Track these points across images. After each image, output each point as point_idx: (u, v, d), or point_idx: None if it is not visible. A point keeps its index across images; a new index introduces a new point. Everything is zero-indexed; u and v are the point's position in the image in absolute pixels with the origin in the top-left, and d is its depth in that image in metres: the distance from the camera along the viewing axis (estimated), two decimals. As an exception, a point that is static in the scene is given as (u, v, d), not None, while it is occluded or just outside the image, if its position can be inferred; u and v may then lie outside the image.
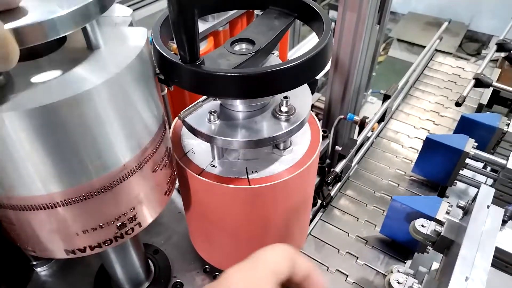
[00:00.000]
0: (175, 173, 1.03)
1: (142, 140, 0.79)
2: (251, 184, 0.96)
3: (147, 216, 0.91)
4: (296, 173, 0.99)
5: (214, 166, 1.01)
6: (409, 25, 6.31)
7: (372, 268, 1.32)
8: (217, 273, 1.32)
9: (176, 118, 1.15)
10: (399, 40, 6.19)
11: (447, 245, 1.04)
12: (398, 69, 4.72)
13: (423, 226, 1.07)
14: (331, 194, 1.51)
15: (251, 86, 0.77)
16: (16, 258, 1.28)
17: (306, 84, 1.06)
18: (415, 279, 1.03)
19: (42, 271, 1.36)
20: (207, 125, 0.93)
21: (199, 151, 1.05)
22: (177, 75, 0.79)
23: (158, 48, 0.80)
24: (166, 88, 1.26)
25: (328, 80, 1.85)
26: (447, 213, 1.15)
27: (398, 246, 1.36)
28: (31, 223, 0.75)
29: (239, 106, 0.96)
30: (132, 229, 0.88)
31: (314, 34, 0.96)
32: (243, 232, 1.11)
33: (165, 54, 0.78)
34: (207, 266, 1.33)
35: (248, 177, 0.98)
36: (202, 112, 0.96)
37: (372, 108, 2.68)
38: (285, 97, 0.94)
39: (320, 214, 1.50)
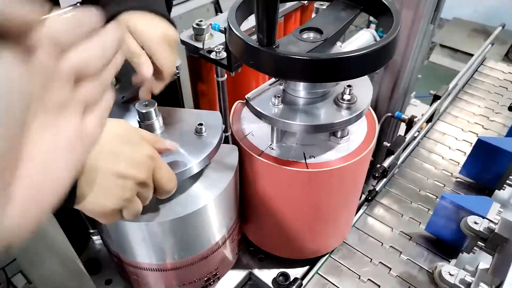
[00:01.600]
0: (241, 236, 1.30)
1: (228, 224, 1.11)
2: (309, 168, 1.00)
3: (224, 270, 1.25)
4: (352, 162, 1.02)
5: (272, 149, 1.05)
6: (454, 30, 6.13)
7: (416, 263, 1.33)
8: (261, 255, 1.36)
9: (236, 102, 1.21)
10: (442, 46, 6.03)
11: (499, 243, 1.04)
12: (439, 75, 4.60)
13: (475, 223, 1.07)
14: (376, 189, 1.52)
15: (323, 71, 0.80)
16: (74, 224, 1.37)
17: (367, 77, 1.09)
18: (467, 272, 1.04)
19: (97, 239, 1.45)
20: (271, 108, 0.98)
21: (258, 134, 1.10)
22: (254, 57, 0.84)
23: (235, 32, 0.85)
24: (226, 75, 1.33)
25: (377, 77, 1.86)
26: (499, 212, 1.15)
27: (443, 244, 1.36)
28: (148, 278, 1.09)
29: (301, 92, 1.01)
30: (214, 281, 1.20)
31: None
32: (293, 215, 1.15)
33: (243, 38, 0.83)
34: (252, 248, 1.38)
35: (306, 161, 1.02)
36: (266, 96, 1.01)
37: (414, 110, 2.64)
38: (349, 86, 0.97)
39: (364, 207, 1.52)
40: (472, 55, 2.29)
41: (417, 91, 3.05)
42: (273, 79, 1.04)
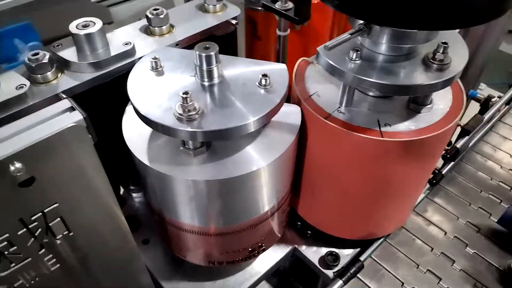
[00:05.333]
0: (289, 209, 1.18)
1: (279, 196, 1.00)
2: (384, 137, 0.86)
3: (270, 243, 1.14)
4: (434, 134, 0.88)
5: (341, 112, 0.92)
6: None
7: (484, 258, 1.17)
8: (308, 231, 1.25)
9: (300, 59, 1.07)
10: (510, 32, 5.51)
11: None
12: (507, 64, 4.19)
13: None
14: (442, 173, 1.36)
15: (433, 13, 0.65)
16: (116, 179, 1.31)
17: (462, 38, 0.93)
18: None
19: (136, 197, 1.40)
20: (347, 63, 0.84)
21: (325, 95, 0.96)
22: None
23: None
24: (289, 30, 1.19)
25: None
26: None
27: (518, 241, 1.20)
28: (190, 241, 1.01)
29: (384, 47, 0.86)
30: (258, 252, 1.10)
31: None
32: (354, 191, 1.02)
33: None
34: (299, 223, 1.27)
35: (380, 129, 0.88)
36: (342, 50, 0.86)
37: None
38: (444, 43, 0.81)
39: (426, 191, 1.37)
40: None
41: (484, 80, 2.78)
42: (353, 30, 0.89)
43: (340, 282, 1.08)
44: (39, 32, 1.70)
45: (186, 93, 0.73)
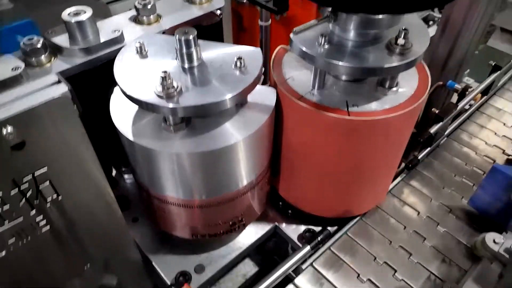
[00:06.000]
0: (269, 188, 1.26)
1: (258, 170, 1.07)
2: (351, 116, 0.93)
3: (250, 218, 1.22)
4: (398, 114, 0.95)
5: (313, 94, 0.99)
6: (519, 13, 5.64)
7: (454, 236, 1.24)
8: (289, 211, 1.33)
9: (278, 47, 1.15)
10: (503, 30, 5.57)
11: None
12: (495, 61, 4.25)
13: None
14: (418, 157, 1.43)
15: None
16: (109, 161, 1.38)
17: (425, 24, 1.00)
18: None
19: (128, 178, 1.47)
20: (316, 48, 0.91)
21: (299, 79, 1.04)
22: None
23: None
24: (270, 20, 1.26)
25: (431, 41, 1.72)
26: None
27: (487, 221, 1.26)
28: (175, 214, 1.08)
29: (351, 33, 0.93)
30: (239, 227, 1.17)
31: None
32: (330, 170, 1.09)
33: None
34: (280, 203, 1.35)
35: (348, 109, 0.95)
36: (312, 35, 0.94)
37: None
38: (405, 29, 0.88)
39: (403, 175, 1.44)
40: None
41: (472, 75, 2.83)
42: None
43: (307, 247, 1.16)
44: (40, 30, 1.78)
45: (165, 71, 0.80)
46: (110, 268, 1.04)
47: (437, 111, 1.41)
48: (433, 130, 1.36)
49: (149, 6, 1.11)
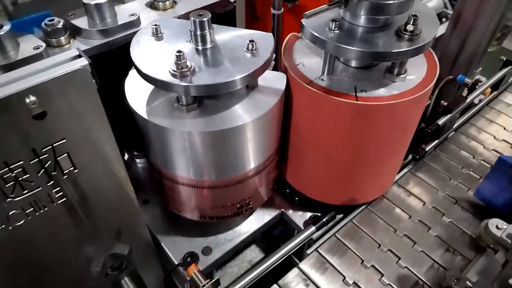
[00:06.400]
0: (277, 174, 1.28)
1: (265, 155, 1.09)
2: (359, 101, 0.95)
3: (257, 203, 1.24)
4: (405, 100, 0.96)
5: (323, 80, 1.02)
6: (536, 14, 5.56)
7: (458, 227, 1.26)
8: (296, 198, 1.35)
9: (289, 34, 1.17)
10: (519, 30, 5.51)
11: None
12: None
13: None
14: (426, 149, 1.44)
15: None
16: (122, 145, 1.42)
17: (434, 12, 1.01)
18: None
19: (139, 162, 1.51)
20: (326, 32, 0.93)
21: (309, 65, 1.06)
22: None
23: None
24: (283, 8, 1.29)
25: (442, 37, 1.72)
26: None
27: (493, 212, 1.27)
28: (185, 195, 1.12)
29: (361, 19, 0.95)
30: (246, 210, 1.20)
31: None
32: (337, 154, 1.11)
33: None
34: (287, 190, 1.37)
35: (356, 94, 0.97)
36: (323, 20, 0.96)
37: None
38: (414, 15, 0.90)
39: (410, 166, 1.45)
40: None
41: (486, 74, 2.81)
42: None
43: (312, 228, 1.18)
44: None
45: (179, 51, 0.83)
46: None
47: (445, 104, 1.41)
48: (441, 121, 1.37)
49: (165, -8, 1.15)
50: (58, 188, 0.81)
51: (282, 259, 1.16)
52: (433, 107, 1.68)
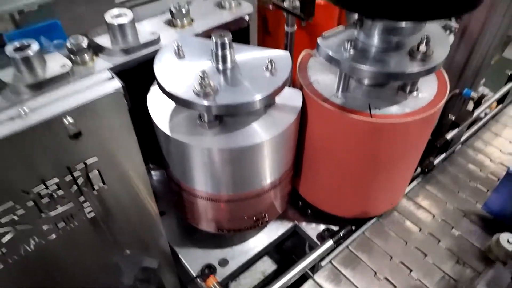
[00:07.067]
0: (291, 188, 1.31)
1: (281, 171, 1.12)
2: (373, 118, 0.99)
3: (272, 216, 1.27)
4: (418, 118, 1.00)
5: (337, 97, 1.05)
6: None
7: (467, 239, 1.28)
8: (309, 210, 1.38)
9: (303, 52, 1.21)
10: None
11: None
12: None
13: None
14: (434, 163, 1.47)
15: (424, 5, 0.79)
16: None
17: (446, 34, 1.05)
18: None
19: (155, 175, 1.54)
20: (342, 52, 0.97)
21: (324, 82, 1.10)
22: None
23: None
24: (296, 26, 1.33)
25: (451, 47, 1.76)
26: None
27: (502, 225, 1.30)
28: (203, 208, 1.15)
29: (375, 39, 0.99)
30: (262, 222, 1.23)
31: None
32: (351, 169, 1.15)
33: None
34: (300, 202, 1.40)
35: (370, 111, 1.01)
36: (338, 40, 1.00)
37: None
38: (427, 37, 0.94)
39: (418, 179, 1.48)
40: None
41: (488, 85, 2.86)
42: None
43: (330, 242, 1.21)
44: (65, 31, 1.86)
45: (203, 72, 0.87)
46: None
47: (453, 118, 1.45)
48: (449, 136, 1.41)
49: (183, 10, 1.19)
50: (88, 204, 0.85)
51: (301, 273, 1.19)
52: (439, 121, 1.72)
